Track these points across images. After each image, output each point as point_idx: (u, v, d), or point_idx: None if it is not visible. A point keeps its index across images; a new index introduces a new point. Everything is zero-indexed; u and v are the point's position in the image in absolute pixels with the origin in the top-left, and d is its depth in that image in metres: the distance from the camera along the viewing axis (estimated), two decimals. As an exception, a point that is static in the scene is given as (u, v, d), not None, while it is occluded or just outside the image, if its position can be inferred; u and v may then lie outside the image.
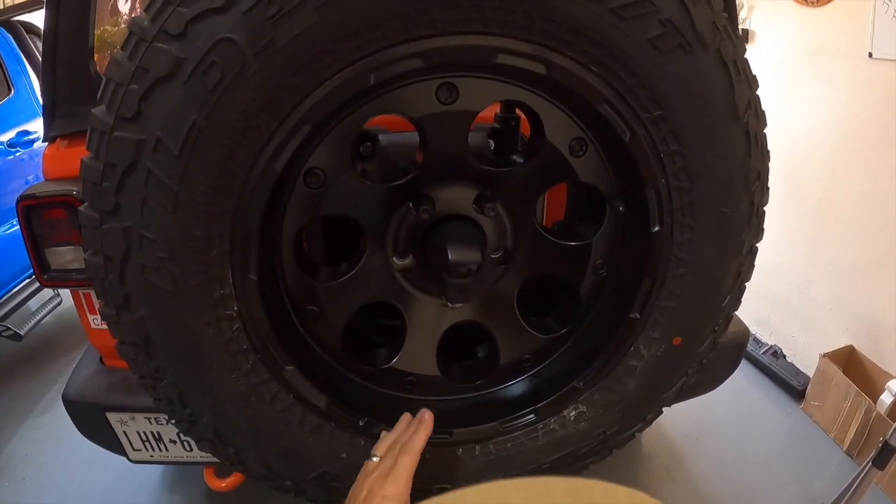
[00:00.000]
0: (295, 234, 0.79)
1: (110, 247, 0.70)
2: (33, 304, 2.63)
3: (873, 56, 1.83)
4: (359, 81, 0.65)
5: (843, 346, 2.06)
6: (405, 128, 0.91)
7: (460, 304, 0.83)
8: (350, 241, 0.76)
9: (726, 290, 0.92)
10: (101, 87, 0.68)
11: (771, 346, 2.41)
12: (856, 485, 1.31)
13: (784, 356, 2.36)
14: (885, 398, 1.82)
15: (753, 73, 0.83)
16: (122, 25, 1.84)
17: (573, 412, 0.92)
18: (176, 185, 0.65)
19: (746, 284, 0.96)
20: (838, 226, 2.06)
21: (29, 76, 2.99)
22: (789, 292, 2.34)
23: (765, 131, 0.87)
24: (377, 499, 0.72)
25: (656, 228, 0.82)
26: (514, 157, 0.87)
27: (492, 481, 0.28)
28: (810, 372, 2.17)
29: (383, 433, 0.81)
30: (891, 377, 1.89)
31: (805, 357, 2.26)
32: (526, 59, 0.68)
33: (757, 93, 0.84)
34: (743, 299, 0.96)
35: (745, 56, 0.81)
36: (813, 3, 1.99)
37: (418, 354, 0.88)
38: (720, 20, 0.77)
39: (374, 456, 0.77)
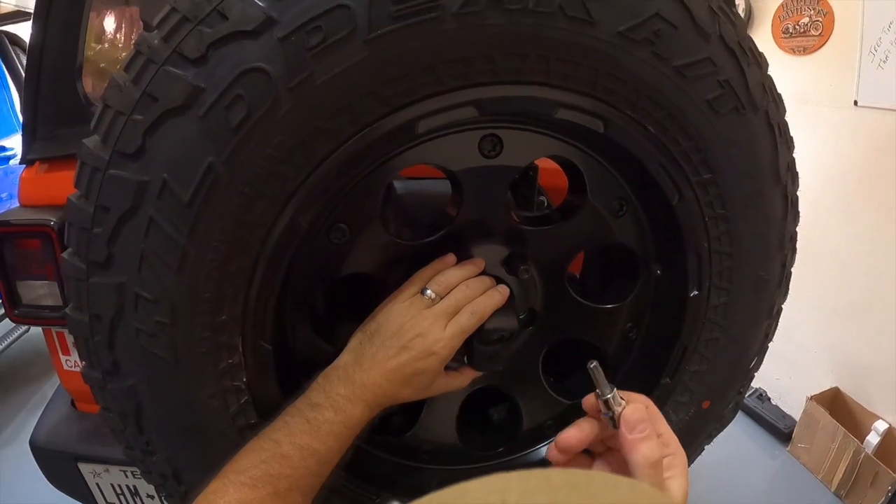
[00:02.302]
0: (312, 295, 0.67)
1: (98, 304, 0.56)
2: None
3: (858, 104, 1.83)
4: (405, 129, 0.54)
5: (827, 388, 2.02)
6: (420, 174, 0.81)
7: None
8: (369, 301, 0.65)
9: (755, 351, 0.85)
10: (97, 114, 0.55)
11: (756, 390, 2.34)
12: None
13: (769, 399, 2.30)
14: (872, 438, 1.78)
15: (791, 135, 0.78)
16: (107, 45, 1.68)
17: (597, 481, 0.82)
18: (183, 239, 0.52)
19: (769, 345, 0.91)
20: (821, 270, 2.03)
21: (9, 90, 2.75)
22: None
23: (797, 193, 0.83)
24: (425, 351, 0.59)
25: (694, 293, 0.74)
26: (550, 214, 0.77)
27: (493, 475, 0.26)
28: (795, 414, 2.12)
29: (437, 266, 0.64)
30: (876, 418, 1.85)
31: (790, 399, 2.21)
32: (585, 114, 0.58)
33: (793, 155, 0.79)
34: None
35: (786, 118, 0.76)
36: (800, 52, 1.99)
37: (437, 423, 0.76)
38: (767, 81, 0.71)
39: (429, 290, 0.61)
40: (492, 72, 0.52)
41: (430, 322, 0.60)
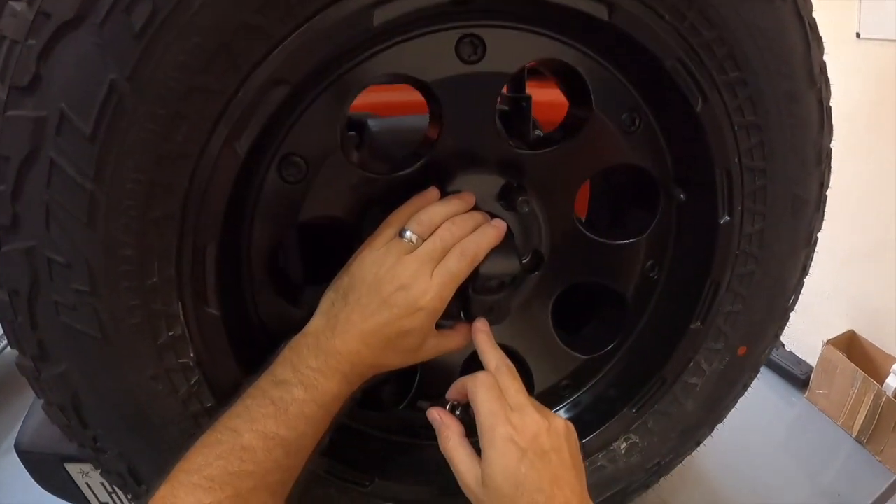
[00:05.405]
0: (268, 246, 0.54)
1: (13, 277, 0.45)
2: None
3: (861, 37, 1.70)
4: (358, 21, 0.41)
5: (843, 331, 1.91)
6: (399, 112, 0.69)
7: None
8: (342, 251, 0.53)
9: (792, 287, 0.73)
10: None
11: (769, 336, 2.25)
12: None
13: (783, 345, 2.17)
14: (892, 381, 1.68)
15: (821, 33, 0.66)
16: None
17: (624, 444, 0.70)
18: (90, 183, 0.40)
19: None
20: (832, 211, 1.89)
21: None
22: (786, 279, 2.20)
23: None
24: (409, 306, 0.48)
25: (725, 219, 0.62)
26: (550, 135, 0.65)
27: None
28: (811, 360, 1.99)
29: (416, 203, 0.52)
30: (895, 360, 1.75)
31: (804, 345, 2.06)
32: (584, -2, 0.46)
33: (824, 57, 0.67)
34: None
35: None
36: (797, -13, 1.86)
37: (434, 392, 0.65)
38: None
39: (409, 231, 0.50)
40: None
41: (413, 270, 0.48)
